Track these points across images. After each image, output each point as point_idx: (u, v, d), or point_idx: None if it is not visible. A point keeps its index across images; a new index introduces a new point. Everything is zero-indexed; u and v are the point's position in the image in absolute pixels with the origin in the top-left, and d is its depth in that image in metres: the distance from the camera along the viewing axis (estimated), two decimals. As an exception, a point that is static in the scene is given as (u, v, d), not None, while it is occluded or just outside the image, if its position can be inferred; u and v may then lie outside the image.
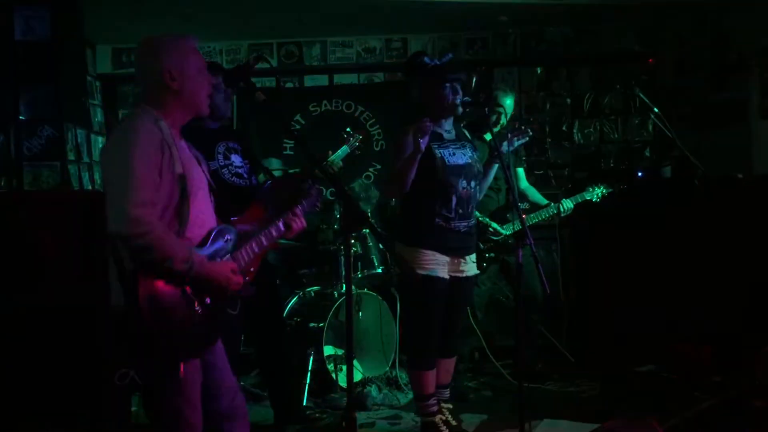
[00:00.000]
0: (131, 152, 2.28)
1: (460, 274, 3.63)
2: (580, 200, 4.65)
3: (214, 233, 2.50)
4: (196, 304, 2.38)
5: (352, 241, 4.68)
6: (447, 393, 3.83)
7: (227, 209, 2.93)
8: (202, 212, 2.48)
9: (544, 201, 4.74)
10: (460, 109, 3.60)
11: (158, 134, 2.34)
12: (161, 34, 2.50)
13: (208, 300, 2.41)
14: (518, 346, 3.34)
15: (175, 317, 2.32)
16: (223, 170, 3.57)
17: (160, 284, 2.30)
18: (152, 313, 2.27)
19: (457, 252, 3.60)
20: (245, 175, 3.66)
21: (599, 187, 4.68)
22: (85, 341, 2.60)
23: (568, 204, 4.60)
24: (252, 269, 2.98)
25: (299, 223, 2.80)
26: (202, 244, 2.47)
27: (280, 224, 2.73)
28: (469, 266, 3.68)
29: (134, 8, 5.21)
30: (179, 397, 2.38)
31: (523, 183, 4.94)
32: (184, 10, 5.30)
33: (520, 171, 4.92)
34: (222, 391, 2.60)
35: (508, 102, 4.63)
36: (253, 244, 2.62)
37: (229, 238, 2.54)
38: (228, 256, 2.53)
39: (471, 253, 3.69)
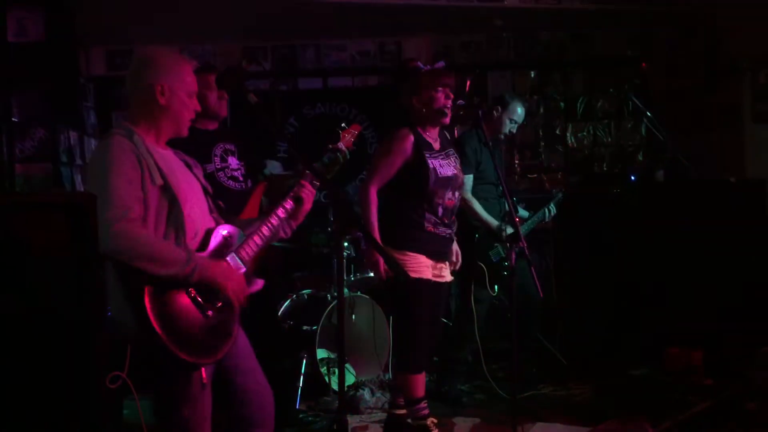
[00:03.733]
0: (107, 171, 2.30)
1: (440, 279, 3.65)
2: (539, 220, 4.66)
3: (212, 233, 2.50)
4: (207, 309, 2.38)
5: (345, 244, 4.68)
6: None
7: (223, 212, 2.92)
8: (196, 216, 2.48)
9: (485, 215, 4.46)
10: (448, 119, 3.61)
11: (132, 150, 2.35)
12: (163, 48, 2.54)
13: (219, 303, 2.41)
14: (513, 350, 3.34)
15: (187, 325, 2.32)
16: (219, 173, 3.57)
17: (169, 294, 2.30)
18: (163, 324, 2.26)
19: (440, 257, 3.63)
20: (240, 178, 3.66)
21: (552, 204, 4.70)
22: (75, 345, 2.59)
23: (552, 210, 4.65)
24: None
25: (307, 193, 2.67)
26: (202, 247, 2.47)
27: (279, 211, 2.65)
28: (447, 271, 3.70)
29: (127, 11, 5.20)
30: (188, 405, 2.38)
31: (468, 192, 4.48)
32: (177, 13, 5.30)
33: (468, 178, 4.39)
34: (250, 397, 2.59)
35: (519, 111, 4.64)
36: (255, 238, 2.58)
37: (228, 233, 2.53)
38: (232, 253, 2.51)
39: (448, 259, 3.71)
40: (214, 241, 2.50)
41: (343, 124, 4.37)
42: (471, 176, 4.42)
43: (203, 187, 2.60)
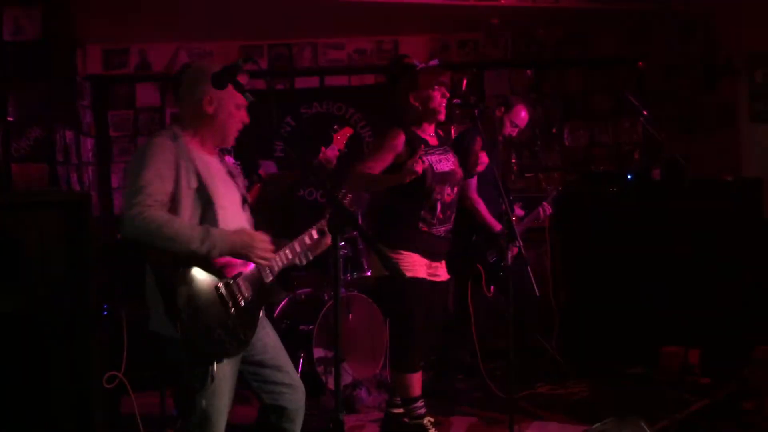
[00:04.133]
0: (141, 165, 2.42)
1: (435, 278, 3.64)
2: None
3: None
4: (230, 305, 2.46)
5: (342, 243, 4.67)
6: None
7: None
8: (233, 223, 2.57)
9: (491, 219, 4.45)
10: (443, 116, 3.61)
11: (172, 150, 2.47)
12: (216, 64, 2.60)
13: (242, 302, 2.50)
14: (510, 348, 3.34)
15: (210, 318, 2.42)
16: None
17: (197, 286, 2.40)
18: (189, 314, 2.37)
19: (435, 256, 3.62)
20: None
21: None
22: (70, 344, 2.59)
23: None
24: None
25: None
26: None
27: (313, 231, 2.78)
28: (442, 271, 3.70)
29: (124, 9, 5.19)
30: (208, 400, 2.47)
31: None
32: (174, 12, 5.29)
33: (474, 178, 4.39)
34: (279, 387, 2.70)
35: (522, 114, 4.63)
36: (287, 251, 2.70)
37: None
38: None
39: (444, 258, 3.71)
40: None
41: (335, 127, 4.38)
42: (475, 176, 4.40)
43: (243, 198, 2.70)
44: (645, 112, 5.04)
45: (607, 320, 5.15)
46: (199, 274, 2.43)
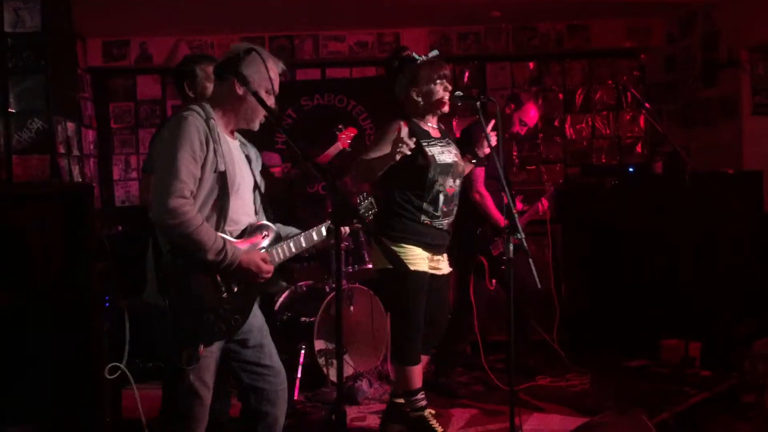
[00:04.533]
0: (177, 145, 2.43)
1: (437, 272, 3.64)
2: None
3: (252, 228, 2.64)
4: (223, 290, 2.51)
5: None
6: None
7: (268, 213, 2.95)
8: (243, 208, 2.62)
9: (497, 213, 4.42)
10: (447, 108, 3.59)
11: (204, 130, 2.49)
12: (258, 47, 2.63)
13: (235, 288, 2.54)
14: (510, 341, 3.34)
15: (203, 302, 2.46)
16: None
17: (192, 265, 2.44)
18: (182, 296, 2.42)
19: (436, 249, 3.62)
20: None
21: None
22: (72, 335, 2.59)
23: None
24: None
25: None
26: (240, 237, 2.60)
27: (322, 228, 2.80)
28: (444, 264, 3.69)
29: (125, 1, 5.17)
30: (194, 374, 2.52)
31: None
32: (175, 4, 5.28)
33: (480, 171, 4.38)
34: (259, 368, 2.71)
35: (532, 113, 4.61)
36: (291, 243, 2.72)
37: (266, 234, 2.68)
38: (263, 250, 2.64)
39: (446, 251, 3.70)
40: (251, 234, 2.63)
41: (340, 126, 4.37)
42: (483, 169, 4.40)
43: (255, 184, 2.73)
44: (647, 105, 5.03)
45: (608, 313, 5.16)
46: None
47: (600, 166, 6.47)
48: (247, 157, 2.73)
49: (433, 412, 3.69)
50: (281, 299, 4.89)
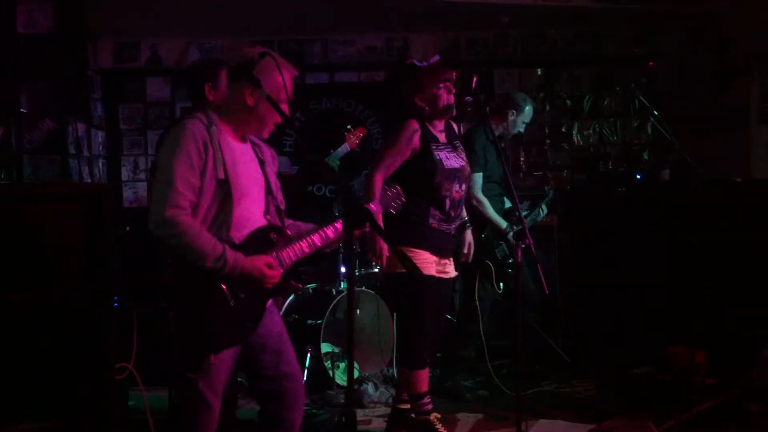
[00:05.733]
0: (174, 154, 2.41)
1: (444, 275, 3.65)
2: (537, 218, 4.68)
3: (259, 233, 2.58)
4: (229, 298, 2.47)
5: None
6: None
7: (281, 215, 2.92)
8: (249, 213, 2.56)
9: (496, 217, 4.49)
10: (454, 111, 3.61)
11: (204, 138, 2.44)
12: (272, 52, 2.57)
13: (242, 295, 2.49)
14: (515, 346, 3.34)
15: (209, 311, 2.43)
16: None
17: (196, 280, 2.41)
18: (187, 307, 2.41)
19: (444, 253, 3.63)
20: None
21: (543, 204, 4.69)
22: (83, 335, 2.60)
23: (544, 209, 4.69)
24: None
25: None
26: (246, 242, 2.53)
27: (338, 225, 2.72)
28: (451, 267, 3.70)
29: (136, 4, 5.20)
30: (204, 382, 2.49)
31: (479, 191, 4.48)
32: (186, 7, 5.30)
33: (478, 176, 4.43)
34: (278, 374, 2.67)
35: (528, 109, 4.64)
36: (303, 244, 2.65)
37: (274, 236, 2.61)
38: (272, 252, 2.57)
39: (452, 255, 3.71)
40: (255, 238, 2.56)
41: (348, 126, 4.37)
42: (481, 174, 4.42)
43: (267, 186, 2.66)
44: (655, 112, 5.03)
45: (614, 319, 5.15)
46: None
47: (607, 173, 6.46)
48: (261, 159, 2.67)
49: (438, 416, 3.69)
50: (288, 302, 4.90)
